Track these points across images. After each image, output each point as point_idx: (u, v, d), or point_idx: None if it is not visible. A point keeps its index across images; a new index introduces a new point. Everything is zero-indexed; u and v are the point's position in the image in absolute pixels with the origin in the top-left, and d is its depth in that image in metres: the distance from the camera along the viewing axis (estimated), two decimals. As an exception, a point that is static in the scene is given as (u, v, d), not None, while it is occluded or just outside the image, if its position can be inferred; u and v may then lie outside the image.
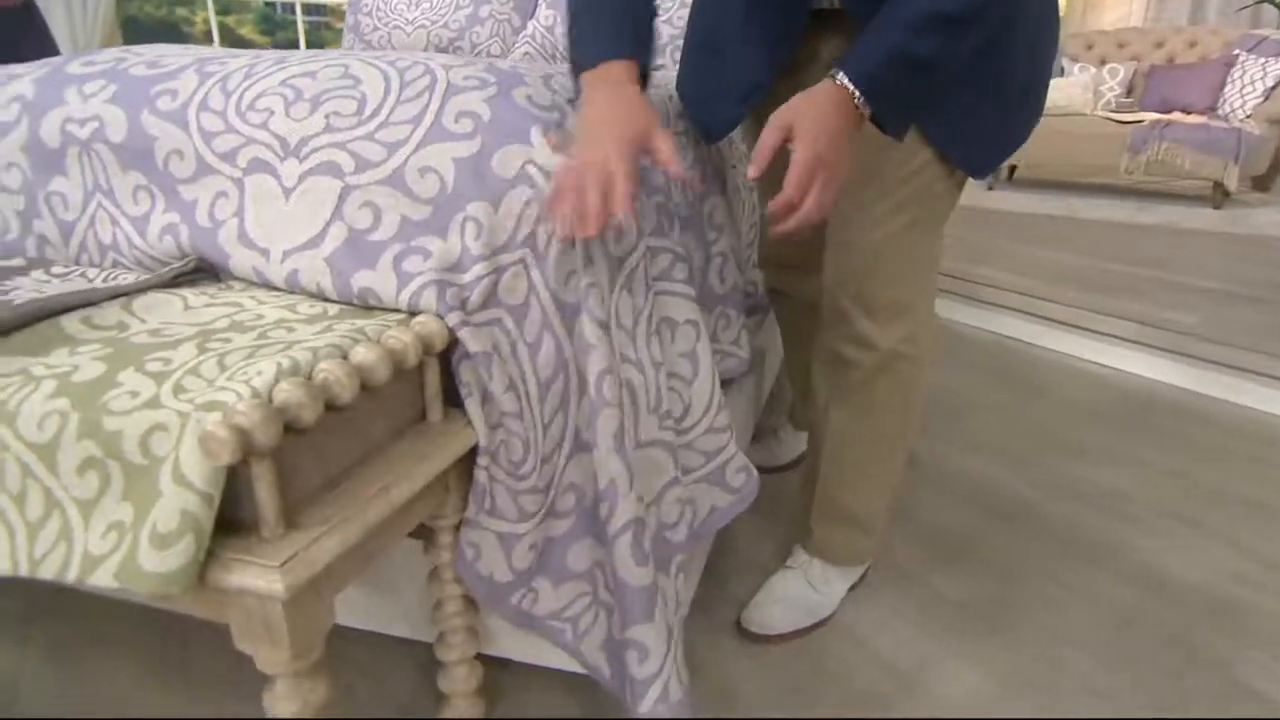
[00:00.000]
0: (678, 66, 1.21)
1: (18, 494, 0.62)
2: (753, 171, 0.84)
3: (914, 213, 1.01)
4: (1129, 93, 4.60)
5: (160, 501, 0.58)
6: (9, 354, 0.70)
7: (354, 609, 1.07)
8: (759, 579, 1.24)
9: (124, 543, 0.59)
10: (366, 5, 2.19)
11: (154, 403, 0.62)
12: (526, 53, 1.99)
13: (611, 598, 0.91)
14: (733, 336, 1.31)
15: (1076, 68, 4.64)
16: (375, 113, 0.89)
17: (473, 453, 0.83)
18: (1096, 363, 2.29)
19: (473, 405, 0.82)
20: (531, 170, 0.85)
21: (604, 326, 0.85)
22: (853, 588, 1.23)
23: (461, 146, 0.86)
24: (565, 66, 1.01)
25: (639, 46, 0.93)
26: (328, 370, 0.65)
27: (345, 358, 0.68)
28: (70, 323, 0.76)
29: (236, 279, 0.92)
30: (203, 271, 0.93)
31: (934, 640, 1.15)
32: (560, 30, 1.96)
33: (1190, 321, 2.21)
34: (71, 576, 0.59)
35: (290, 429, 0.61)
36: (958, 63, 0.88)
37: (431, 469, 0.75)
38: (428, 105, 0.89)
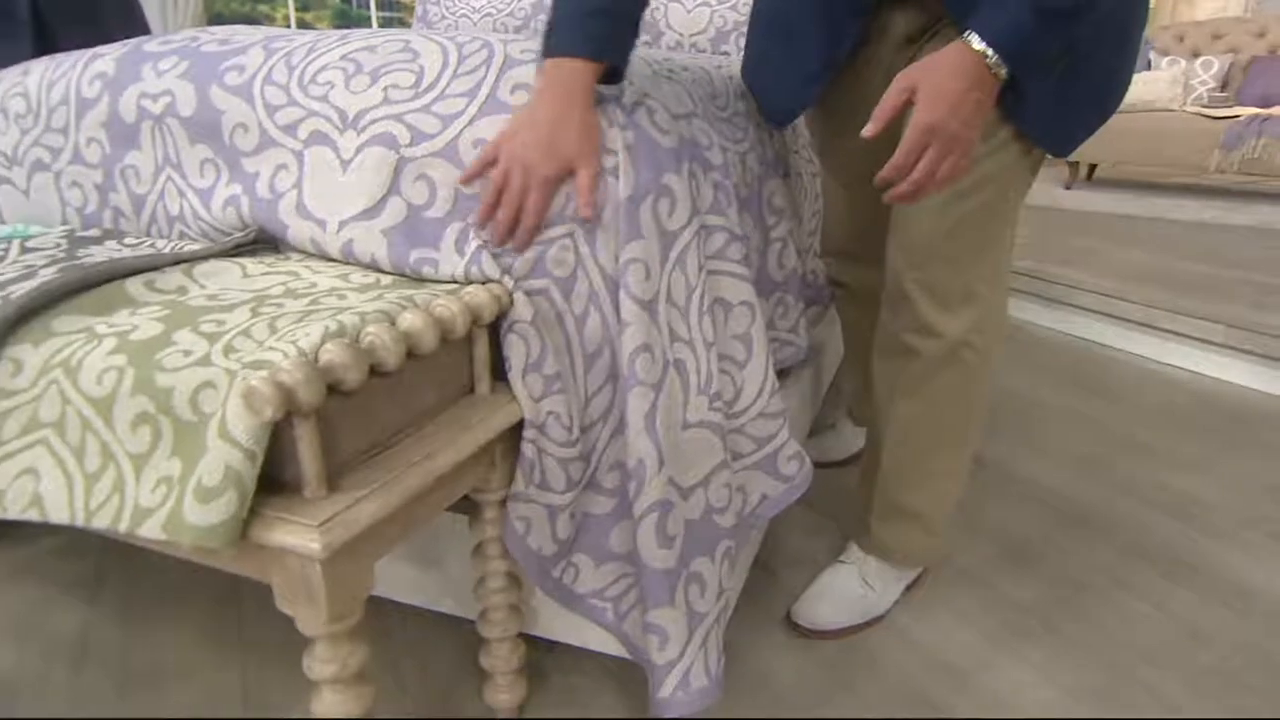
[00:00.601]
0: (742, 52, 1.18)
1: (78, 446, 0.64)
2: (870, 130, 0.81)
3: (988, 194, 0.95)
4: (1224, 86, 4.34)
5: (206, 457, 0.58)
6: (76, 313, 0.71)
7: (401, 584, 1.08)
8: (810, 573, 1.20)
9: (171, 496, 0.59)
10: (436, -5, 2.21)
11: (204, 361, 0.63)
12: (591, 40, 1.98)
13: None
14: (790, 324, 1.27)
15: (1165, 61, 4.40)
16: (432, 85, 0.89)
17: (519, 427, 0.82)
18: (1179, 366, 2.16)
19: (516, 377, 0.81)
20: (585, 144, 0.84)
21: (641, 304, 0.83)
22: (909, 588, 1.19)
23: (516, 119, 0.85)
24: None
25: (611, 45, 0.84)
26: (374, 334, 0.65)
27: (393, 324, 0.68)
28: (134, 285, 0.77)
29: (294, 250, 0.93)
30: (262, 242, 0.95)
31: (994, 643, 1.10)
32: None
33: (1261, 320, 2.06)
34: (123, 527, 0.60)
35: (335, 391, 0.61)
36: (1096, 12, 0.83)
37: (475, 439, 0.74)
38: (484, 78, 0.88)
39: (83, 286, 0.75)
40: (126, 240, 0.99)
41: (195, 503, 0.57)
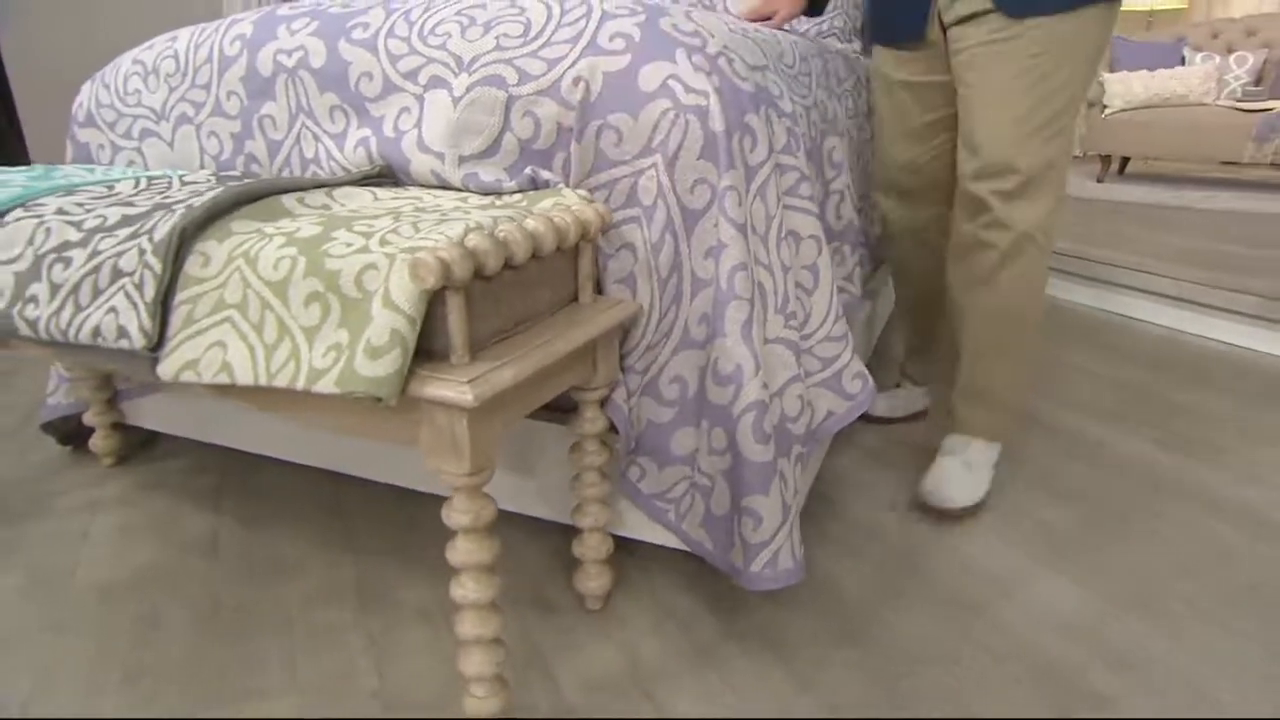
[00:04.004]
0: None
1: (257, 322, 0.72)
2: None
3: (1043, 84, 1.11)
4: (1258, 81, 4.26)
5: (372, 323, 0.66)
6: (247, 219, 0.80)
7: (499, 490, 1.16)
8: (867, 506, 1.26)
9: (341, 358, 0.67)
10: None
11: (364, 250, 0.70)
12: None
13: (709, 481, 0.95)
14: (845, 272, 1.33)
15: (1199, 57, 4.34)
16: (539, 34, 0.96)
17: (612, 336, 0.89)
18: (1212, 338, 2.17)
19: (611, 288, 0.89)
20: (673, 84, 0.91)
21: (737, 227, 0.89)
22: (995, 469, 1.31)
23: (612, 61, 0.92)
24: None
25: None
26: (507, 230, 0.72)
27: (521, 225, 0.75)
28: (289, 200, 0.86)
29: (416, 183, 1.02)
30: (386, 177, 1.03)
31: (1036, 560, 1.14)
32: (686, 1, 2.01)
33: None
34: (300, 385, 0.68)
35: (477, 275, 0.69)
36: None
37: (586, 333, 0.81)
38: (585, 28, 0.95)
39: (249, 199, 0.83)
40: (261, 180, 1.08)
41: (365, 359, 0.65)
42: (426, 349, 0.69)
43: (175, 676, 0.91)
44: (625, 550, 1.14)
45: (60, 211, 0.86)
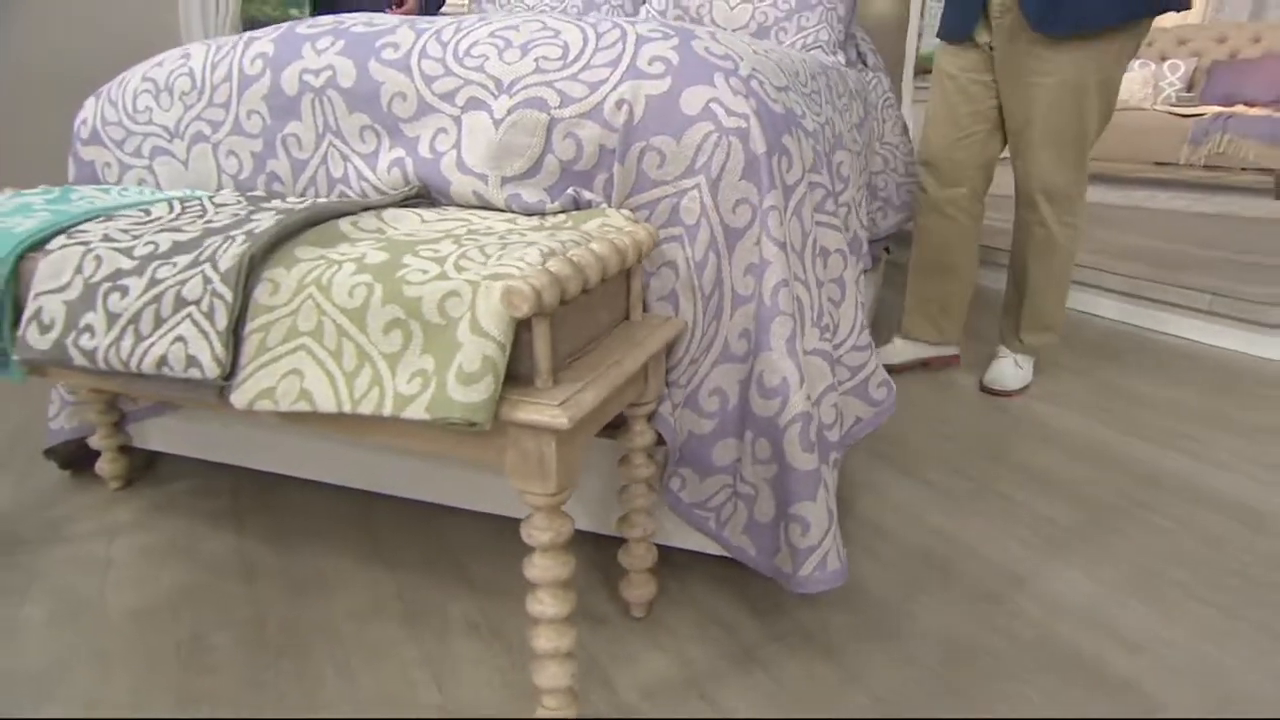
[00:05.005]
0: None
1: (334, 349, 0.72)
2: None
3: (1084, 124, 1.60)
4: (1190, 87, 4.50)
5: (462, 350, 0.67)
6: (309, 245, 0.80)
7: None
8: (874, 506, 1.30)
9: (430, 385, 0.68)
10: (492, -7, 2.29)
11: (443, 276, 0.71)
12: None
13: (752, 489, 0.98)
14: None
15: (1137, 64, 4.56)
16: (578, 57, 0.98)
17: (663, 353, 0.92)
18: (1168, 333, 2.29)
19: (660, 306, 0.91)
20: (715, 107, 0.93)
21: (780, 245, 0.93)
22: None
23: (654, 85, 0.95)
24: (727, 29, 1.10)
25: None
26: (581, 255, 0.74)
27: (587, 249, 0.77)
28: (344, 225, 0.86)
29: (455, 203, 1.02)
30: (423, 197, 1.03)
31: (1038, 552, 1.20)
32: (673, 13, 2.03)
33: (1259, 293, 2.19)
34: (387, 412, 0.69)
35: (560, 300, 0.70)
36: None
37: (646, 351, 0.83)
38: (623, 51, 0.97)
39: (308, 224, 0.83)
40: (289, 200, 1.07)
41: (459, 385, 0.66)
42: (510, 373, 0.71)
43: (231, 699, 0.90)
44: (663, 556, 1.16)
45: (107, 239, 0.84)
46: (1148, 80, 4.40)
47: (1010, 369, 1.81)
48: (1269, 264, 2.56)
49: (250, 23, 4.34)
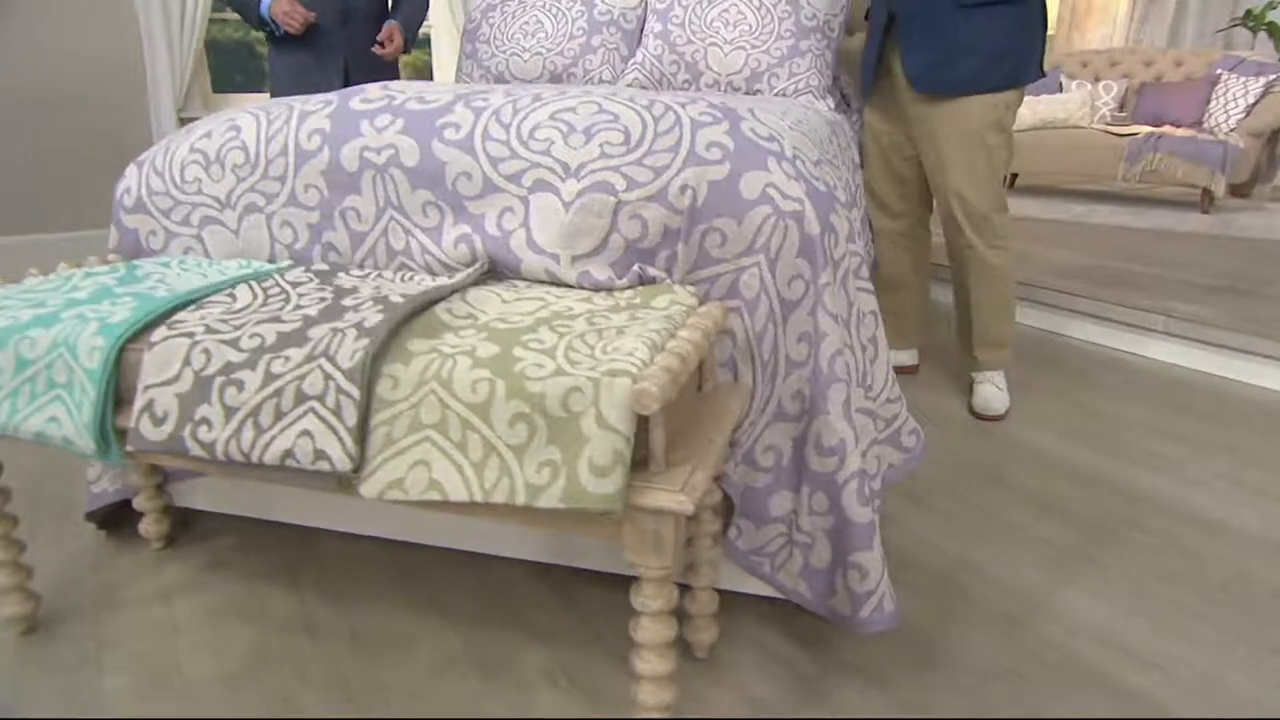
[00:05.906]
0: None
1: (459, 441, 0.78)
2: None
3: (991, 158, 1.76)
4: (1122, 107, 4.79)
5: (590, 444, 0.74)
6: (416, 337, 0.85)
7: (591, 554, 1.23)
8: (890, 533, 1.40)
9: (560, 475, 0.74)
10: (484, 34, 2.33)
11: (560, 372, 0.77)
12: (635, 79, 2.14)
13: (808, 538, 1.07)
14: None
15: (1074, 84, 4.83)
16: (640, 142, 1.04)
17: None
18: (1125, 350, 2.47)
19: (720, 373, 0.99)
20: (772, 192, 1.01)
21: (834, 318, 1.01)
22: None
23: (715, 170, 1.02)
24: (757, 97, 1.18)
25: None
26: (681, 347, 0.81)
27: (687, 338, 0.84)
28: (441, 312, 0.91)
29: (524, 279, 1.08)
30: (489, 273, 1.09)
31: (1047, 574, 1.32)
32: (669, 59, 2.11)
33: (1193, 310, 2.38)
34: (520, 501, 0.75)
35: (666, 390, 0.77)
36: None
37: (729, 424, 0.90)
38: (681, 137, 1.05)
39: (412, 314, 0.88)
40: (353, 272, 1.11)
41: (592, 477, 0.73)
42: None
43: (333, 765, 0.94)
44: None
45: (209, 330, 0.87)
46: (1085, 100, 4.66)
47: (994, 393, 1.95)
48: (1200, 282, 2.77)
49: (211, 45, 4.26)
